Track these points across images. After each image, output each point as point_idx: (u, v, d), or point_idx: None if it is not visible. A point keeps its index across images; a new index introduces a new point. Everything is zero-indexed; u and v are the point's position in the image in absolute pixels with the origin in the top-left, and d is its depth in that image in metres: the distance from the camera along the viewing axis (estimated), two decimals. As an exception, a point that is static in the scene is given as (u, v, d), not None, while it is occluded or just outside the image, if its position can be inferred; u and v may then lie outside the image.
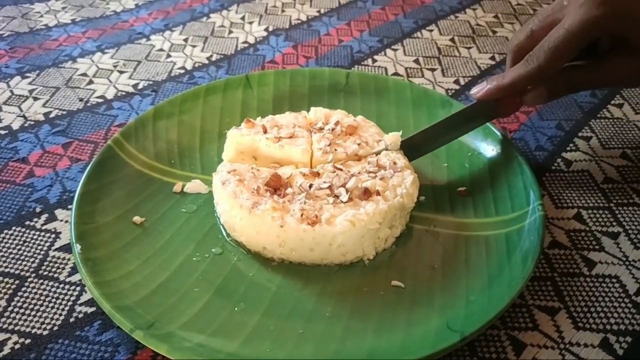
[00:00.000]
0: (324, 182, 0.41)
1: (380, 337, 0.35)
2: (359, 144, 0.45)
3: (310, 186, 0.41)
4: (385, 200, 0.40)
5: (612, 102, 0.58)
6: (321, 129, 0.47)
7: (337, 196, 0.40)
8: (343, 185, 0.41)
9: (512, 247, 0.40)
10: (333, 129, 0.47)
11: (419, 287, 0.38)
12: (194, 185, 0.46)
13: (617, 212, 0.45)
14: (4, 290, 0.38)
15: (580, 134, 0.53)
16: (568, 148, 0.52)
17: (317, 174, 0.42)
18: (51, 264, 0.40)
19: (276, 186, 0.41)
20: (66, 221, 0.44)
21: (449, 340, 0.33)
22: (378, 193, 0.41)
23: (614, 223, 0.44)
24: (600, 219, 0.44)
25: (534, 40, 0.44)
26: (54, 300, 0.38)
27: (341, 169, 0.43)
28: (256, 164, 0.45)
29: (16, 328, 0.36)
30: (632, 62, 0.42)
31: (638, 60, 0.42)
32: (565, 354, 0.35)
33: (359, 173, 0.42)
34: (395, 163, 0.44)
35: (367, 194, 0.40)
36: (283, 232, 0.39)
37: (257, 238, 0.40)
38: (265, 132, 0.46)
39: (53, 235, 0.43)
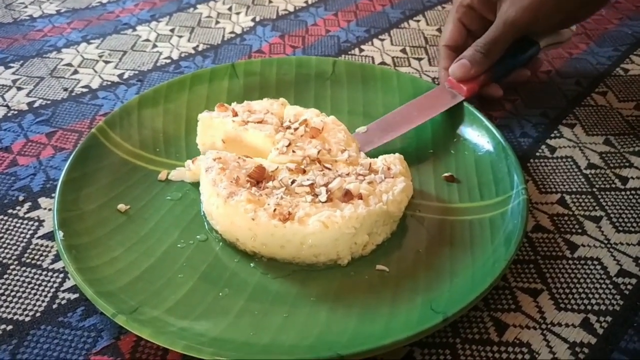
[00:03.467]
0: (307, 180, 0.40)
1: (365, 319, 0.35)
2: (319, 151, 0.42)
3: (293, 182, 0.40)
4: (367, 205, 0.38)
5: (596, 90, 0.58)
6: (288, 127, 0.45)
7: (316, 195, 0.39)
8: (326, 185, 0.39)
9: (495, 230, 0.40)
10: (297, 129, 0.44)
11: (403, 271, 0.38)
12: (179, 173, 0.46)
13: (599, 196, 0.45)
14: (-14, 278, 0.38)
15: (564, 121, 0.54)
16: (552, 135, 0.52)
17: (303, 171, 0.41)
18: (34, 252, 0.40)
19: (259, 178, 0.41)
20: (49, 209, 0.44)
21: (432, 320, 0.33)
22: (362, 197, 0.39)
23: (597, 207, 0.44)
24: (583, 204, 0.45)
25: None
26: (36, 287, 0.38)
27: (330, 169, 0.42)
28: (225, 148, 0.44)
29: (-2, 315, 0.36)
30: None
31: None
32: (547, 334, 0.35)
33: (347, 174, 0.41)
34: (389, 169, 0.42)
35: (348, 196, 0.38)
36: (255, 226, 0.37)
37: (231, 228, 0.39)
38: (235, 115, 0.46)
39: (36, 223, 0.42)
